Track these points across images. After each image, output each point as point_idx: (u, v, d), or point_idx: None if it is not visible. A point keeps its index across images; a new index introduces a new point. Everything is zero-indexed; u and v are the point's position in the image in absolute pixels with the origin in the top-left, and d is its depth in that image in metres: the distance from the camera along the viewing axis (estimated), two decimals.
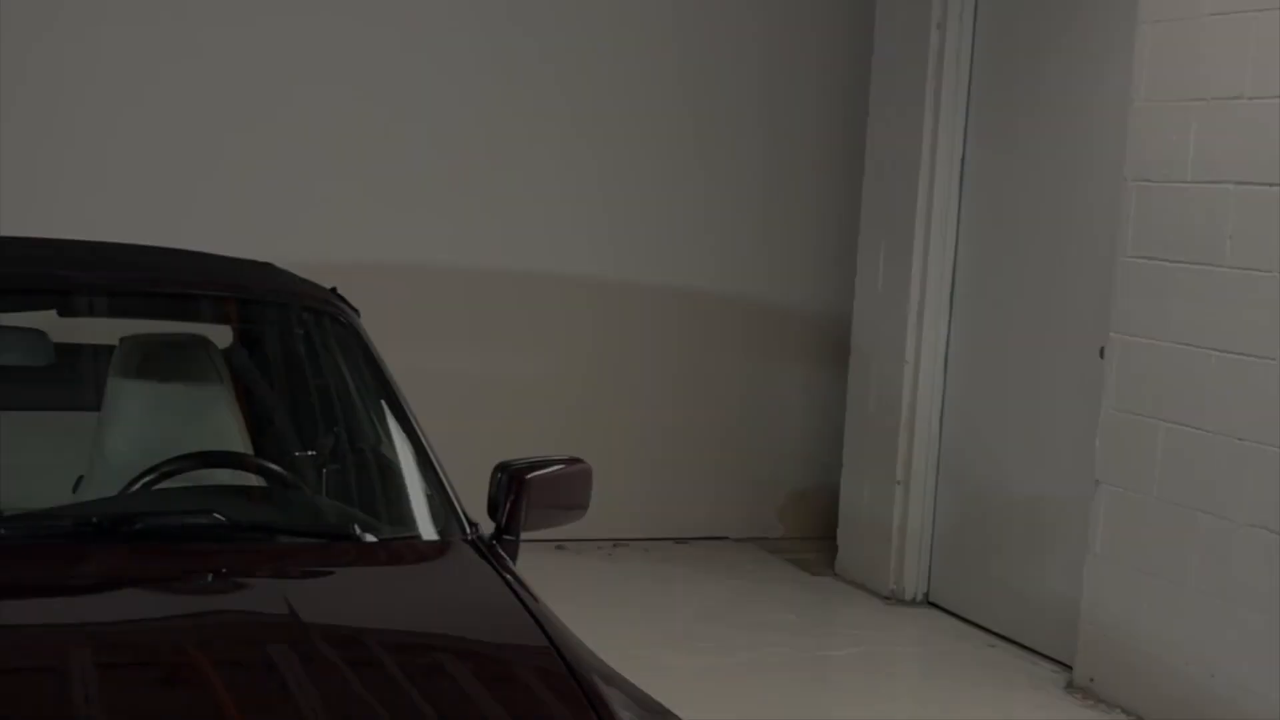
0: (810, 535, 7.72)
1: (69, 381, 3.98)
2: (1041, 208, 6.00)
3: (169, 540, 2.82)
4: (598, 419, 7.21)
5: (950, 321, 6.54)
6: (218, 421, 3.42)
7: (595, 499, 6.86)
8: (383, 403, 3.32)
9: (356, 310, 3.55)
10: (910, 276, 6.52)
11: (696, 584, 6.80)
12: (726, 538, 7.68)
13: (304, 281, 3.59)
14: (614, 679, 2.51)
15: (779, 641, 5.97)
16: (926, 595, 6.61)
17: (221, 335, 3.96)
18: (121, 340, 3.50)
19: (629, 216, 7.36)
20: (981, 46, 6.39)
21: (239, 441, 3.35)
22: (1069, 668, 5.55)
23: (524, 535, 3.14)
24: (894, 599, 6.60)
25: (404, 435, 3.22)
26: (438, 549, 2.98)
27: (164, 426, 3.28)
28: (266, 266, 3.67)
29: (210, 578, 2.72)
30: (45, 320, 3.63)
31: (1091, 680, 5.34)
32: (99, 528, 2.82)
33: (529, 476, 3.12)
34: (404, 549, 2.99)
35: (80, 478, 3.26)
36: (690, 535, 7.61)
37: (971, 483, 6.41)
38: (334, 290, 3.61)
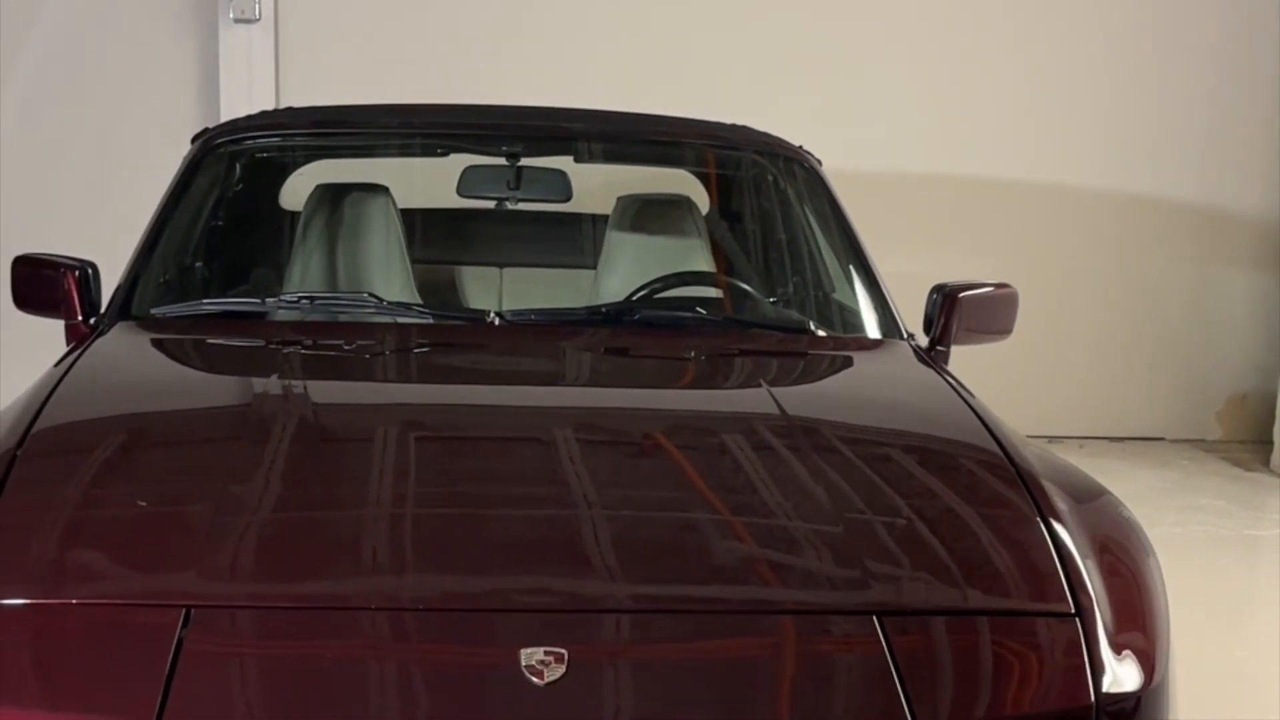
0: (1248, 439, 7.80)
1: (570, 245, 4.72)
2: None
3: (661, 327, 3.45)
4: (1037, 318, 7.37)
5: None
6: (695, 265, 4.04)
7: (1032, 396, 7.17)
8: (841, 234, 3.86)
9: (819, 160, 4.13)
10: None
11: (1127, 474, 7.00)
12: (1162, 439, 7.84)
13: (775, 137, 4.19)
14: (1052, 466, 2.67)
15: (1205, 521, 6.20)
16: None
17: (702, 194, 4.60)
18: (618, 199, 4.16)
19: (1075, 119, 7.54)
20: None
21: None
22: None
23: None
24: None
25: (857, 259, 3.76)
26: (880, 344, 3.49)
27: (650, 271, 3.80)
28: (743, 127, 4.28)
29: (693, 353, 3.32)
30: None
31: None
32: (607, 316, 3.48)
33: (961, 295, 3.56)
34: (853, 341, 3.52)
35: None
36: (1126, 435, 7.82)
37: None
38: (800, 147, 4.19)
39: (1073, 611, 2.21)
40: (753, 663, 2.09)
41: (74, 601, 2.06)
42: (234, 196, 4.01)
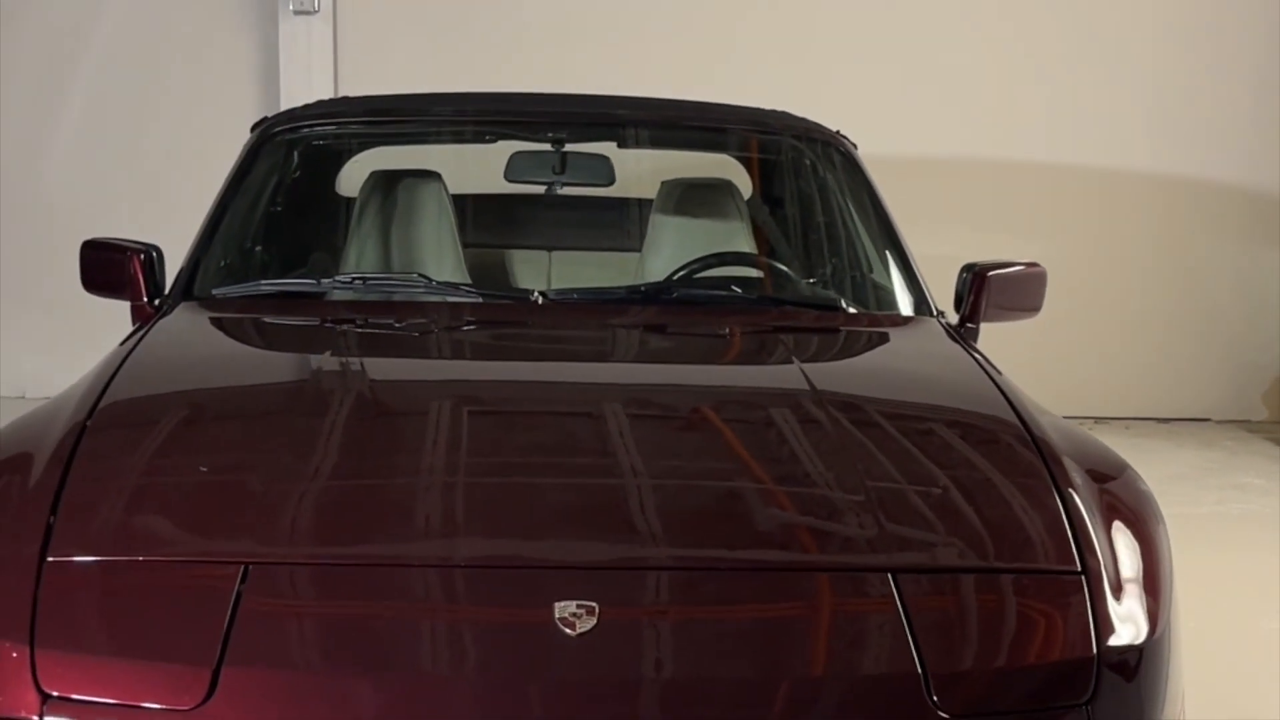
0: None
1: (616, 228, 4.85)
2: None
3: (698, 305, 3.58)
4: (1084, 301, 7.50)
5: None
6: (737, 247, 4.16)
7: (1079, 377, 7.19)
8: (875, 215, 3.96)
9: (855, 144, 4.24)
10: None
11: (1171, 454, 7.10)
12: (1208, 419, 7.89)
13: (812, 122, 4.30)
14: (1072, 439, 2.74)
15: (1245, 500, 6.27)
16: None
17: (745, 178, 4.71)
18: (662, 183, 4.27)
19: (1120, 99, 7.58)
20: None
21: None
22: None
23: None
24: None
25: (890, 240, 3.87)
26: (910, 322, 3.60)
27: (693, 252, 3.91)
28: (782, 112, 4.40)
29: (727, 330, 3.45)
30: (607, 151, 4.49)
31: None
32: (646, 295, 3.60)
33: (990, 274, 3.67)
34: (885, 319, 3.63)
35: None
36: (1172, 416, 7.87)
37: None
38: (837, 132, 4.30)
39: (1079, 570, 2.31)
40: (770, 617, 2.22)
41: (140, 559, 2.21)
42: (291, 183, 4.16)
